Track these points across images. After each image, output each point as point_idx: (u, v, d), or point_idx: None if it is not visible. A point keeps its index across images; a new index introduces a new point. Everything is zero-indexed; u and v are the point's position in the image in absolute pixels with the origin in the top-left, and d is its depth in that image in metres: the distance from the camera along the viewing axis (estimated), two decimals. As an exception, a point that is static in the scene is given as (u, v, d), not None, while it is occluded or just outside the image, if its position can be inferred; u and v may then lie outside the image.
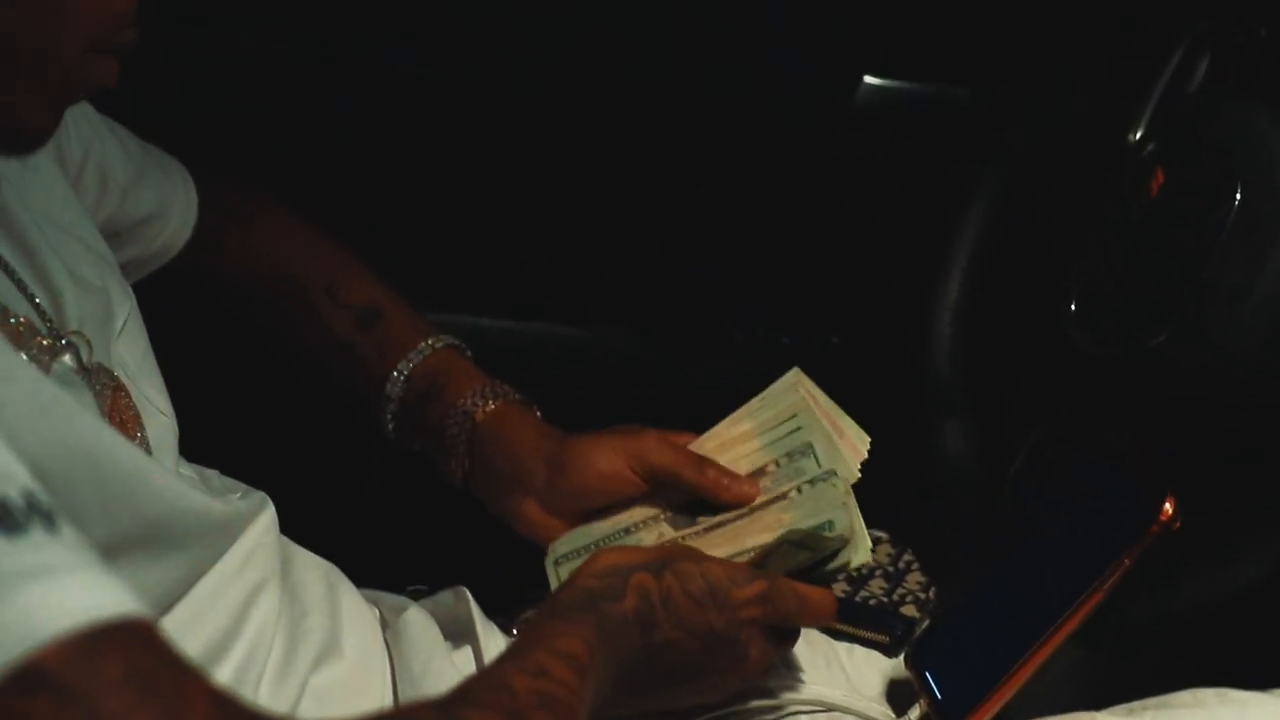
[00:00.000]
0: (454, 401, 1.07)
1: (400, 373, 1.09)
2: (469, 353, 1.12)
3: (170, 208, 1.11)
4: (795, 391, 1.04)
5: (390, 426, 1.10)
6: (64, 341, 0.81)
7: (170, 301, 1.06)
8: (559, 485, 1.05)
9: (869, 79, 1.42)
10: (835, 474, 0.98)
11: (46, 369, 0.78)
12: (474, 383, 1.08)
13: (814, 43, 1.40)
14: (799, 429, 1.02)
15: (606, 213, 1.46)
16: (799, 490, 0.98)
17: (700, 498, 1.02)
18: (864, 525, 0.96)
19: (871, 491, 1.00)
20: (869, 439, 1.02)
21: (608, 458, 1.04)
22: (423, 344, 1.10)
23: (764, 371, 1.08)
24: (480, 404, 1.07)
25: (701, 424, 1.07)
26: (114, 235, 1.04)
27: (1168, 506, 0.88)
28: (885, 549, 1.18)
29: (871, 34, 1.41)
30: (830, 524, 0.94)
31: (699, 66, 1.39)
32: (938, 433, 1.20)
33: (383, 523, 1.33)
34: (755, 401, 1.06)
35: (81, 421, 0.69)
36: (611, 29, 1.35)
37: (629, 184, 1.44)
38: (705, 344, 1.52)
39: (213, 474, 0.97)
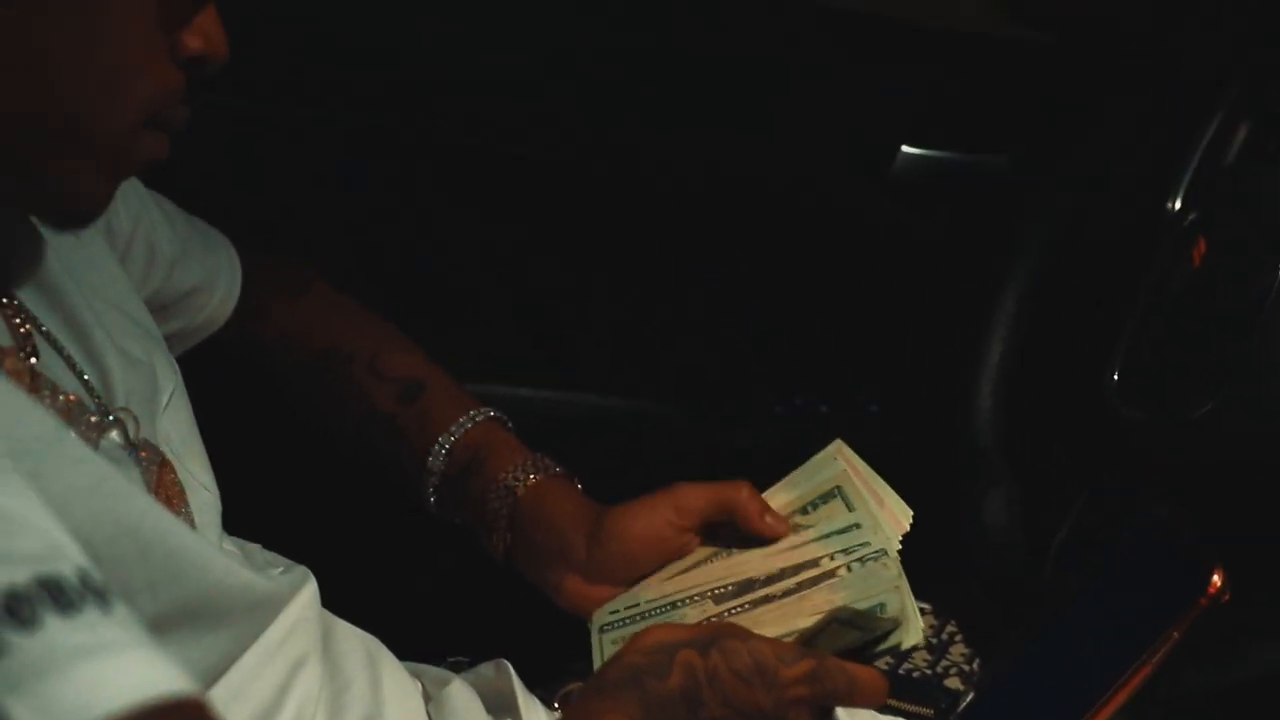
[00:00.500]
0: (495, 476, 1.07)
1: (442, 445, 1.09)
2: (510, 425, 1.13)
3: (215, 280, 1.12)
4: (836, 464, 1.04)
5: (432, 499, 1.10)
6: (111, 418, 0.81)
7: (214, 375, 1.07)
8: (599, 557, 1.05)
9: (906, 148, 1.42)
10: (885, 553, 0.97)
11: (94, 445, 0.79)
12: (515, 456, 1.08)
13: (851, 112, 1.41)
14: (841, 503, 1.01)
15: (645, 282, 1.46)
16: (848, 569, 0.98)
17: (741, 542, 1.03)
18: (915, 605, 0.96)
19: (914, 562, 0.99)
20: (911, 512, 1.02)
21: (645, 519, 1.05)
22: (464, 417, 1.10)
23: (803, 440, 1.07)
24: (522, 478, 1.07)
25: (742, 493, 1.07)
26: (160, 308, 1.05)
27: (1216, 579, 0.87)
28: (929, 620, 1.17)
29: (909, 103, 1.42)
30: (883, 606, 0.93)
31: (737, 135, 1.40)
32: (980, 502, 1.19)
33: (424, 595, 1.33)
34: (797, 473, 1.05)
35: (130, 498, 0.69)
36: (650, 100, 1.36)
37: (668, 253, 1.44)
38: (744, 413, 1.52)
39: (255, 548, 0.98)
